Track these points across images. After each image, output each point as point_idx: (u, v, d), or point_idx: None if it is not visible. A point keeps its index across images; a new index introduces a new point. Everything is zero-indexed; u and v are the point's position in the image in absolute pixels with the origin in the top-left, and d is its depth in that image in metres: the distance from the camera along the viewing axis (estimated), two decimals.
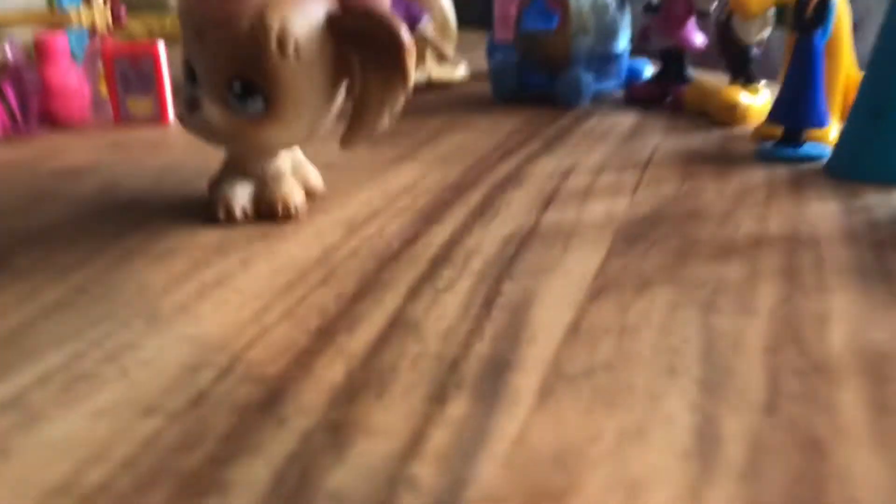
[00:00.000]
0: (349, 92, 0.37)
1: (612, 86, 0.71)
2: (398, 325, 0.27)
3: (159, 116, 0.65)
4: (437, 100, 0.77)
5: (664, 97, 0.68)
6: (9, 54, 0.61)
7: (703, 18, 0.65)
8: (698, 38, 0.65)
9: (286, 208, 0.39)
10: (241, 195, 0.39)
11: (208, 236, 0.37)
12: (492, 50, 0.91)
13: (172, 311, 0.29)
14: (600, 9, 0.68)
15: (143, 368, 0.25)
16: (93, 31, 0.67)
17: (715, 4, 0.63)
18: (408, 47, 0.34)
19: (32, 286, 0.31)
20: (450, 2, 0.83)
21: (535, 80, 0.72)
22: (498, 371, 0.24)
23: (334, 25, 0.35)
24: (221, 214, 0.38)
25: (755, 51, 0.58)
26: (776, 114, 0.48)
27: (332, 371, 0.24)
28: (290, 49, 0.33)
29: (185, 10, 0.35)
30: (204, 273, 0.32)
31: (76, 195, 0.45)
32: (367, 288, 0.30)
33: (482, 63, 0.96)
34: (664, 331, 0.26)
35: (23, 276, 0.32)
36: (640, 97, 0.69)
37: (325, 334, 0.26)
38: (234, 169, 0.39)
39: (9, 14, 0.63)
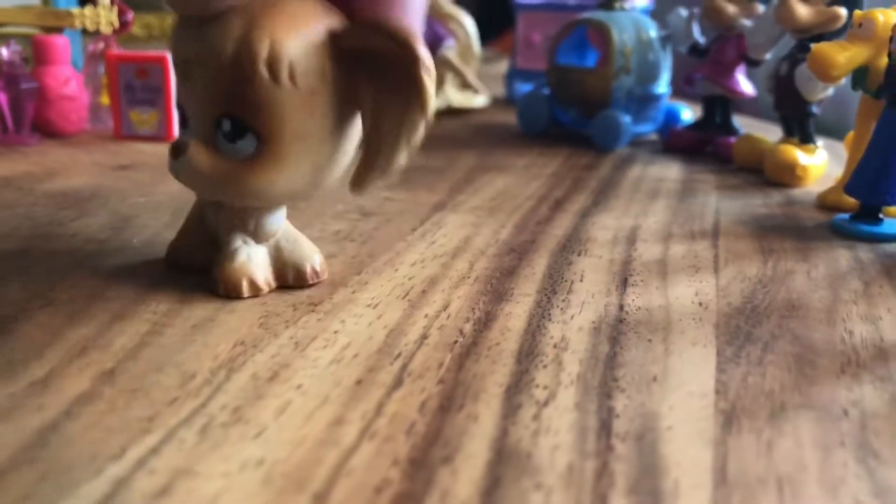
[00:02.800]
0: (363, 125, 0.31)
1: (650, 129, 0.67)
2: (506, 456, 0.22)
3: (164, 133, 0.59)
4: (460, 130, 0.72)
5: (705, 145, 0.64)
6: (4, 55, 0.55)
7: (753, 67, 0.61)
8: (747, 88, 0.62)
9: (315, 273, 0.34)
10: (259, 263, 0.33)
11: (245, 302, 0.32)
12: (512, 77, 0.87)
13: (229, 418, 0.24)
14: (644, 47, 0.64)
15: None
16: (95, 33, 0.61)
17: (770, 54, 0.60)
18: (424, 62, 0.28)
19: (22, 360, 0.26)
20: (474, 28, 0.79)
21: (567, 118, 0.68)
22: None
23: (337, 44, 0.29)
24: (246, 291, 0.32)
25: (815, 109, 0.55)
26: (855, 188, 0.44)
27: None
28: (284, 75, 0.28)
29: (172, 50, 0.31)
30: (255, 358, 0.27)
31: (79, 231, 0.40)
32: (453, 395, 0.26)
33: (492, 83, 0.92)
34: (827, 486, 0.22)
35: (17, 345, 0.27)
36: (681, 145, 0.65)
37: (421, 468, 0.22)
38: (232, 227, 0.33)
39: (3, 11, 0.57)
